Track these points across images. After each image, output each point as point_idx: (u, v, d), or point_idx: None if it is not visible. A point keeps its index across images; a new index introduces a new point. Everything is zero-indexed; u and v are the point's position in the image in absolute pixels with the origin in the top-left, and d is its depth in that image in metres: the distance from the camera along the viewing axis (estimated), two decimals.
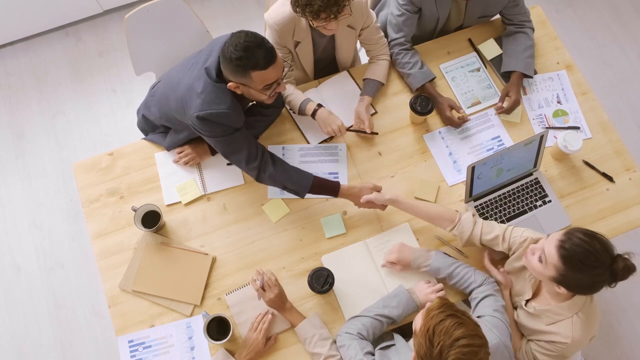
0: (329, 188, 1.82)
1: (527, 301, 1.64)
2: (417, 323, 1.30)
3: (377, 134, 2.01)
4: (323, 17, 1.69)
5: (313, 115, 1.96)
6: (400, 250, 1.79)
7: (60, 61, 3.12)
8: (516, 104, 1.99)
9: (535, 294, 1.63)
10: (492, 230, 1.68)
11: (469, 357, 1.20)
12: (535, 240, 1.60)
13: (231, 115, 1.66)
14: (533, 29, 2.10)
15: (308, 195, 1.85)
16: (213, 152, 1.97)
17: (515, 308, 1.70)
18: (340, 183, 1.83)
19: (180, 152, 1.97)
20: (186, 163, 1.96)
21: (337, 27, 1.77)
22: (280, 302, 1.71)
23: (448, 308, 1.26)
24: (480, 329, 1.26)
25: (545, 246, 1.44)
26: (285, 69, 1.99)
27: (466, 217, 1.71)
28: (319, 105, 1.96)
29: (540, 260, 1.46)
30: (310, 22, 1.77)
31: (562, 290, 1.45)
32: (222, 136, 1.71)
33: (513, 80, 2.02)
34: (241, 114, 1.72)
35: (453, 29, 2.21)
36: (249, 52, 1.51)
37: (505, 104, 2.00)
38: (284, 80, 2.02)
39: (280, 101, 2.00)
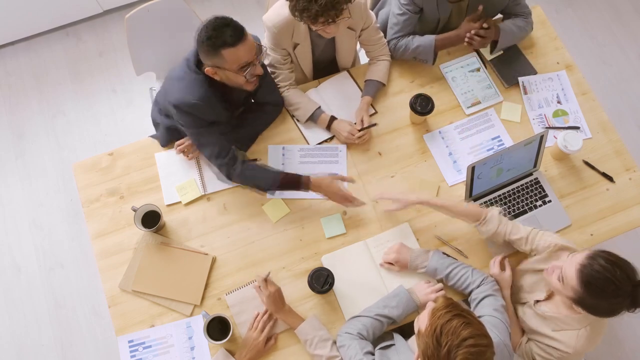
0: (299, 182, 1.82)
1: (537, 301, 1.63)
2: (422, 323, 1.30)
3: (375, 124, 2.00)
4: (321, 22, 1.70)
5: (328, 126, 2.00)
6: (398, 251, 1.79)
7: (60, 61, 3.12)
8: (491, 30, 1.97)
9: (547, 296, 1.62)
10: (517, 232, 1.68)
11: (477, 357, 1.20)
12: (562, 247, 1.59)
13: (203, 107, 1.70)
14: (532, 26, 2.10)
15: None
16: None
17: (522, 304, 1.70)
18: (311, 177, 1.82)
19: (180, 145, 1.97)
20: (185, 154, 1.96)
21: (337, 30, 1.78)
22: (279, 302, 1.71)
23: (454, 308, 1.26)
24: (486, 328, 1.27)
25: (565, 267, 1.43)
26: (286, 71, 2.01)
27: (492, 215, 1.70)
28: (333, 117, 2.00)
29: (559, 279, 1.45)
30: (310, 25, 1.77)
31: (579, 309, 1.44)
32: (194, 127, 1.76)
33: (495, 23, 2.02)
34: (215, 107, 1.75)
35: (453, 29, 2.20)
36: (218, 30, 1.57)
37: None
38: (286, 84, 2.02)
39: (280, 99, 2.01)
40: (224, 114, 1.82)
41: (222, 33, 1.57)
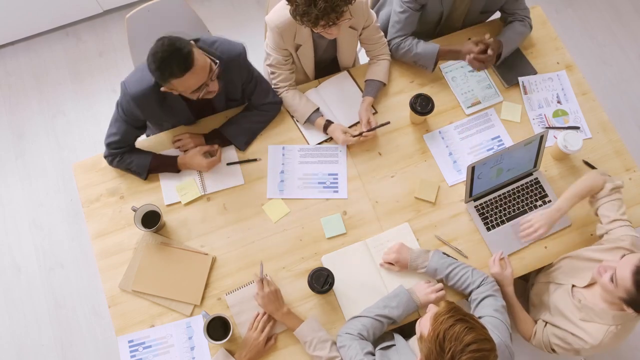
0: (168, 164, 1.94)
1: (574, 286, 1.62)
2: (424, 327, 1.29)
3: (388, 122, 1.99)
4: (322, 25, 1.69)
5: (324, 130, 2.00)
6: (398, 251, 1.79)
7: (60, 61, 3.12)
8: (492, 55, 1.95)
9: (587, 285, 1.62)
10: (612, 210, 1.66)
11: None
12: (628, 250, 1.58)
13: (131, 102, 1.75)
14: (531, 26, 2.11)
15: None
16: (209, 144, 1.98)
17: (557, 284, 1.68)
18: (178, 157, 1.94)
19: (177, 140, 1.98)
20: (182, 150, 1.97)
21: (339, 31, 1.77)
22: (276, 303, 1.71)
23: (456, 312, 1.26)
24: (488, 332, 1.26)
25: (619, 268, 1.43)
26: (287, 72, 2.01)
27: (603, 192, 1.69)
28: (329, 121, 1.99)
29: (611, 280, 1.44)
30: (311, 28, 1.77)
31: (630, 310, 1.44)
32: (119, 110, 1.84)
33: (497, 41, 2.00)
34: (149, 109, 1.79)
35: (455, 25, 2.20)
36: (164, 63, 1.55)
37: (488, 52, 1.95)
38: (286, 84, 2.02)
39: (277, 99, 2.01)
40: (164, 118, 1.86)
41: (167, 66, 1.55)
